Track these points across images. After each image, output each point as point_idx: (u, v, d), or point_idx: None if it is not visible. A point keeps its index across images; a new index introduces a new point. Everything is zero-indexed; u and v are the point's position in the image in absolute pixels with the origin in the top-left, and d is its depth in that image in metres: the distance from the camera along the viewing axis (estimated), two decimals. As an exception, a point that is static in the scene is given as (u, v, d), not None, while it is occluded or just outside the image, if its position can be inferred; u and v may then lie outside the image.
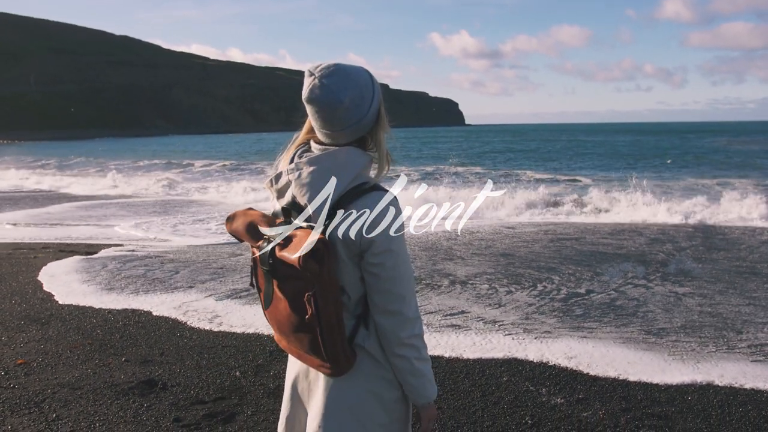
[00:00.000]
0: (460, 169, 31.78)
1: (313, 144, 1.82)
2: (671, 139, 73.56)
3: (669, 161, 37.69)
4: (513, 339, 5.54)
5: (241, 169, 32.65)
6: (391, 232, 1.70)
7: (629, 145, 59.22)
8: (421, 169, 31.29)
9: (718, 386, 4.51)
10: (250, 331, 5.78)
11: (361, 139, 1.79)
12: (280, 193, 1.81)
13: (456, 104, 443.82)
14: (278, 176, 1.80)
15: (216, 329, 5.86)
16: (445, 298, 6.93)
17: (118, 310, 6.50)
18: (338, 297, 1.69)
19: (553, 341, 5.48)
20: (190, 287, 7.42)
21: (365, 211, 1.68)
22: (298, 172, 1.73)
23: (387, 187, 1.78)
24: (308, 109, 1.75)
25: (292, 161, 1.80)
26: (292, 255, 1.62)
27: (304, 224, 1.70)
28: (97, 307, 6.62)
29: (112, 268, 8.47)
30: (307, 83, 1.72)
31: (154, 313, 6.37)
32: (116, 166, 34.21)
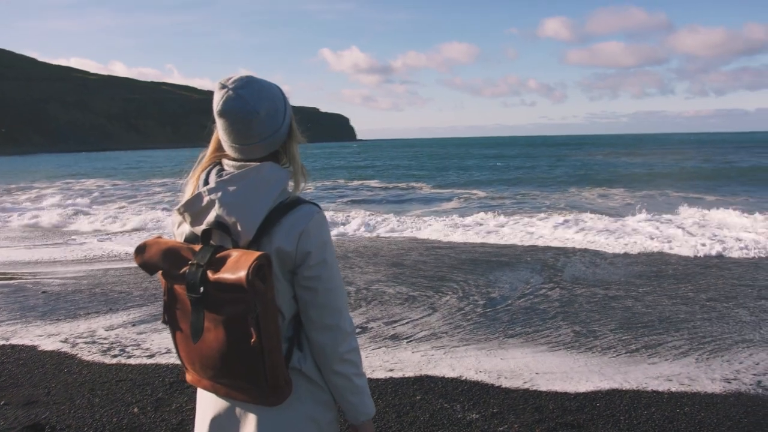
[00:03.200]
0: (355, 182, 31.93)
1: (226, 162, 1.73)
2: (561, 149, 77.59)
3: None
4: (422, 356, 5.50)
5: (117, 190, 31.20)
6: (324, 243, 1.68)
7: (518, 158, 61.82)
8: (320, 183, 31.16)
9: (623, 390, 4.66)
10: (148, 362, 5.40)
11: (274, 153, 1.74)
12: (197, 217, 1.66)
13: (347, 119, 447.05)
14: (194, 199, 1.66)
15: (109, 362, 5.43)
16: (351, 314, 6.80)
17: (-6, 346, 5.91)
18: (278, 317, 1.60)
19: (462, 356, 5.49)
20: (78, 318, 6.88)
21: (300, 224, 1.64)
22: (221, 192, 1.62)
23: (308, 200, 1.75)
24: (220, 122, 1.67)
25: (206, 182, 1.69)
26: (234, 275, 1.50)
27: (230, 245, 1.62)
28: (-31, 344, 5.98)
29: (-14, 300, 7.72)
30: (220, 96, 1.65)
31: (39, 348, 5.83)
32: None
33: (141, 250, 1.67)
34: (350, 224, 14.50)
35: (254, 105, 1.63)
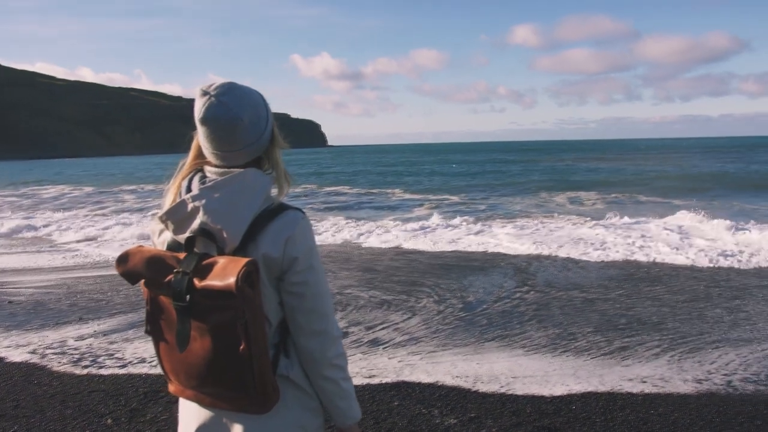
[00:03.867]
0: (328, 188, 31.88)
1: (208, 169, 1.71)
2: (531, 155, 78.38)
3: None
4: (399, 361, 5.50)
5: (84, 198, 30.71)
6: (311, 249, 1.68)
7: (491, 163, 62.33)
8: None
9: (598, 393, 4.71)
10: (121, 372, 5.31)
11: (257, 159, 1.74)
12: (180, 224, 1.64)
13: (318, 125, 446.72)
14: (177, 207, 1.63)
15: (80, 373, 5.33)
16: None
17: (-41, 358, 5.75)
18: (265, 324, 1.59)
19: (439, 361, 5.50)
20: (47, 328, 6.73)
21: (287, 230, 1.63)
22: (205, 199, 1.60)
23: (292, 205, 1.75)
24: (203, 130, 1.65)
25: (189, 189, 1.66)
26: (222, 282, 1.49)
27: (215, 252, 1.60)
28: (-67, 356, 5.82)
29: (-49, 311, 7.52)
30: (202, 102, 1.63)
31: (6, 360, 5.69)
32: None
33: (123, 259, 1.64)
34: (325, 231, 14.47)
35: (237, 112, 1.61)
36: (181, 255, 1.60)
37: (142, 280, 1.64)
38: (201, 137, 1.68)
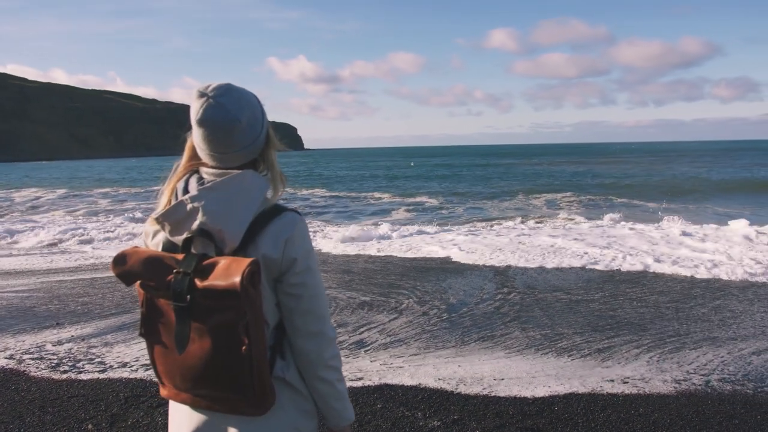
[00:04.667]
0: (305, 191, 31.83)
1: (204, 170, 1.71)
2: (508, 158, 78.94)
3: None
4: (382, 364, 5.50)
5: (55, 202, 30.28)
6: (308, 251, 1.70)
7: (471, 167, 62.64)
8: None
9: (579, 394, 4.76)
10: (101, 376, 5.23)
11: (252, 161, 1.75)
12: (177, 225, 1.63)
13: (295, 129, 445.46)
14: (174, 208, 1.63)
15: (59, 378, 5.25)
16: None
17: (-66, 364, 5.63)
18: (264, 325, 1.59)
19: (421, 363, 5.51)
20: (23, 332, 6.62)
21: (285, 231, 1.65)
22: (204, 200, 1.60)
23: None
24: (200, 131, 1.64)
25: (186, 191, 1.66)
26: (226, 281, 1.49)
27: (213, 253, 1.60)
28: None
29: (-77, 316, 7.35)
30: (199, 104, 1.63)
31: (-18, 366, 5.59)
32: None
33: (121, 260, 1.62)
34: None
35: (236, 113, 1.62)
36: (179, 256, 1.59)
37: (138, 282, 1.63)
38: (197, 139, 1.67)
